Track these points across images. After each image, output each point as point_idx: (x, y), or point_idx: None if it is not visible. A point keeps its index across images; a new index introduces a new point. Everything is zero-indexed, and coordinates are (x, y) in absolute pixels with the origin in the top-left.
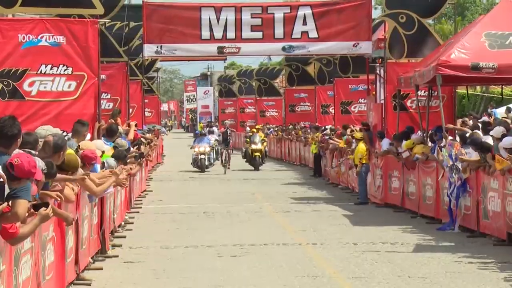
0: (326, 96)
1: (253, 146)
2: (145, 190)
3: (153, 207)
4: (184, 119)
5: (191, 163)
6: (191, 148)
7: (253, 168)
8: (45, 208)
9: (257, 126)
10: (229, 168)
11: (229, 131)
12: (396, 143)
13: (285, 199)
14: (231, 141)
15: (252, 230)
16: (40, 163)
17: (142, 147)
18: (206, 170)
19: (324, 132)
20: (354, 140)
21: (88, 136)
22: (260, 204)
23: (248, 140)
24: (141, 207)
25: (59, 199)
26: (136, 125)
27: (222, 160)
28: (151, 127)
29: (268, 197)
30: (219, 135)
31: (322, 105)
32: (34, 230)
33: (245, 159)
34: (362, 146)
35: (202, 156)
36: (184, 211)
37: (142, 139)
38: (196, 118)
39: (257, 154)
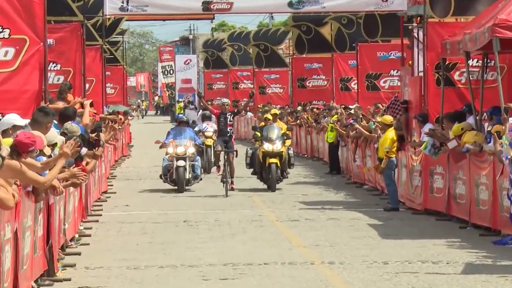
0: (347, 67)
1: (267, 147)
2: (106, 192)
3: (117, 215)
4: (158, 97)
5: (161, 175)
6: (160, 147)
7: (265, 186)
8: None
9: (273, 110)
10: (232, 187)
11: (229, 117)
12: (447, 125)
13: (292, 203)
14: (233, 135)
15: (248, 245)
16: None
17: (101, 134)
18: (187, 187)
19: (349, 112)
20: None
21: (52, 130)
22: (259, 210)
23: (258, 134)
24: (101, 215)
25: None
26: (91, 105)
27: (223, 172)
28: (114, 109)
29: (270, 201)
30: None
31: (341, 79)
32: None
33: (251, 168)
34: (390, 135)
35: (181, 164)
36: (159, 219)
37: (102, 121)
38: (174, 97)
39: (274, 161)
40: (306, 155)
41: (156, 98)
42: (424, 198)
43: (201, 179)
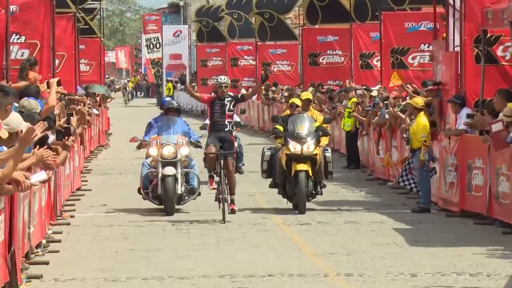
0: (368, 41)
1: (294, 148)
2: (79, 189)
3: (93, 216)
4: (143, 75)
5: (140, 189)
6: (138, 146)
7: (289, 205)
8: None
9: (305, 94)
10: (233, 208)
11: (228, 104)
12: (501, 103)
13: None
14: (234, 131)
15: (249, 253)
16: None
17: (72, 118)
18: (178, 207)
19: (371, 94)
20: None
21: (14, 114)
22: (263, 212)
23: (281, 129)
24: (73, 216)
25: None
26: (59, 83)
27: (218, 185)
28: (89, 90)
29: (276, 200)
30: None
31: (362, 55)
32: None
33: (269, 178)
34: (423, 120)
35: (169, 171)
36: (142, 222)
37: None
38: (161, 75)
39: (303, 168)
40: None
41: (139, 76)
42: (460, 198)
43: (199, 194)
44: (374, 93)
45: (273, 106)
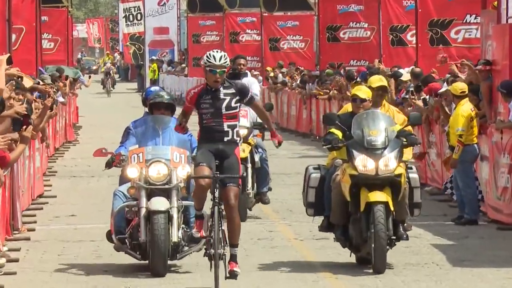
0: (401, 11)
1: (363, 166)
2: (41, 196)
3: (58, 229)
4: (120, 54)
5: (109, 234)
6: (109, 164)
7: (352, 258)
8: None
9: (374, 80)
10: (234, 270)
11: (227, 99)
12: None
13: None
14: (240, 142)
15: (253, 275)
16: None
17: (19, 107)
18: (173, 262)
19: (401, 78)
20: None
21: None
22: (269, 224)
23: (338, 135)
24: (34, 230)
25: None
26: (10, 60)
27: (210, 232)
28: (55, 73)
29: (286, 208)
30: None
31: (392, 28)
32: None
33: (319, 216)
34: (464, 110)
35: (159, 205)
36: None
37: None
38: (143, 53)
39: (380, 199)
40: None
41: (107, 56)
42: None
43: (202, 247)
44: (406, 77)
45: (282, 93)
